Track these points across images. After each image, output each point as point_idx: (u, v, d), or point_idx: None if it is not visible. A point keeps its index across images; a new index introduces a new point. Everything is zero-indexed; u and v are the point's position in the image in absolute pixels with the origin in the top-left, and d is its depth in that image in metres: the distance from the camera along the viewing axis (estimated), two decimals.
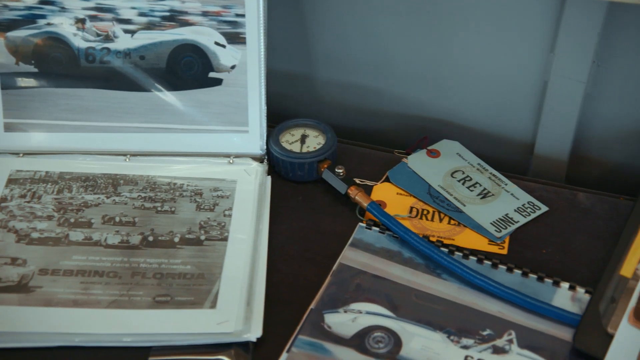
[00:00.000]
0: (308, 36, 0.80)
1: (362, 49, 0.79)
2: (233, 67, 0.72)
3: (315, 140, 0.75)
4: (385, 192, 0.74)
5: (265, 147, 0.74)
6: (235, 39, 0.72)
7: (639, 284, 0.60)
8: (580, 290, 0.63)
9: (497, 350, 0.60)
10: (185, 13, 0.71)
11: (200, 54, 0.72)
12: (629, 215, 0.66)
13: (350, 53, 0.80)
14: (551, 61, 0.71)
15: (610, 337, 0.58)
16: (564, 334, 0.60)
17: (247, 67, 0.72)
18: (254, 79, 0.72)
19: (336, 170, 0.72)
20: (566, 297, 0.63)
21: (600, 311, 0.60)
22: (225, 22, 0.71)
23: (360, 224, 0.70)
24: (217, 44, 0.72)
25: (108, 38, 0.71)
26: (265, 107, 0.73)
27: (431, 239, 0.69)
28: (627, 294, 0.60)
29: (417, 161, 0.76)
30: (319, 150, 0.74)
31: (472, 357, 0.59)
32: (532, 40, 0.72)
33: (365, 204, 0.70)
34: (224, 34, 0.72)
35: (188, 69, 0.72)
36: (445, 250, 0.67)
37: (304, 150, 0.74)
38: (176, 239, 0.66)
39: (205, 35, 0.71)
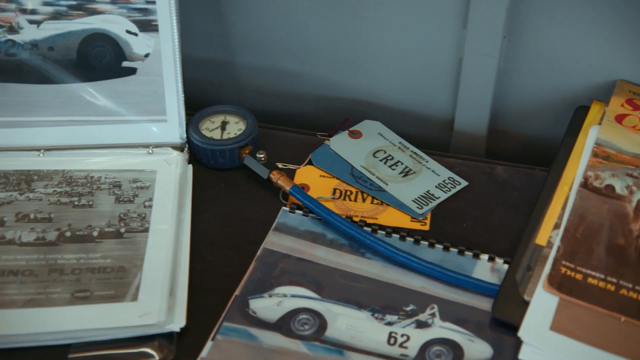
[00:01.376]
0: (224, 21, 0.79)
1: (279, 32, 0.79)
2: (147, 55, 0.71)
3: (235, 127, 0.75)
4: (308, 175, 0.74)
5: (185, 135, 0.73)
6: (147, 26, 0.70)
7: (552, 251, 0.62)
8: (499, 260, 0.65)
9: (420, 325, 0.61)
10: (93, 1, 0.69)
11: (111, 43, 0.70)
12: (543, 185, 0.68)
13: (267, 37, 0.80)
14: (464, 37, 0.72)
15: (527, 304, 0.59)
16: (484, 304, 0.62)
17: (161, 54, 0.71)
18: (170, 67, 0.71)
19: (257, 155, 0.72)
20: (486, 269, 0.65)
21: (517, 280, 0.61)
22: (135, 9, 0.69)
23: (284, 208, 0.70)
24: (128, 32, 0.70)
25: (12, 29, 0.68)
26: (183, 95, 0.72)
27: (354, 219, 0.69)
28: (542, 261, 0.62)
29: (339, 143, 0.77)
30: (240, 137, 0.73)
31: (395, 333, 0.60)
32: (444, 18, 0.73)
33: (287, 188, 0.70)
34: (135, 22, 0.70)
35: (100, 59, 0.71)
36: (369, 229, 0.68)
37: (225, 137, 0.74)
38: (95, 233, 0.65)
39: (116, 24, 0.70)
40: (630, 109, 0.71)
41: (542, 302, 0.59)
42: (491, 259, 0.65)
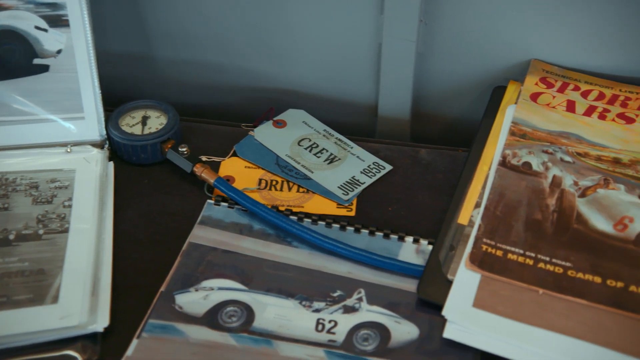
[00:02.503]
0: (140, 14, 0.78)
1: (197, 23, 0.78)
2: (59, 51, 0.69)
3: (157, 121, 0.74)
4: (233, 167, 0.73)
5: (104, 132, 0.72)
6: (58, 21, 0.68)
7: (473, 230, 0.63)
8: (424, 242, 0.66)
9: (348, 310, 0.61)
10: None
11: (20, 40, 0.68)
12: (463, 166, 0.69)
13: (186, 28, 0.78)
14: (382, 23, 0.73)
15: (450, 284, 0.60)
16: (411, 286, 0.63)
17: (74, 50, 0.69)
18: (84, 63, 0.69)
19: (180, 149, 0.71)
20: (411, 251, 0.65)
21: (440, 260, 0.62)
22: (43, 4, 0.67)
23: (209, 200, 0.69)
24: (37, 28, 0.68)
25: None
26: (100, 91, 0.71)
27: (280, 208, 0.69)
28: (464, 240, 0.63)
29: (264, 133, 0.76)
30: (161, 131, 0.72)
31: (323, 319, 0.60)
32: (362, 4, 0.73)
33: (211, 181, 0.69)
34: (44, 17, 0.68)
35: (9, 57, 0.68)
36: (294, 218, 0.68)
37: (146, 132, 0.72)
38: (11, 237, 0.63)
39: (24, 20, 0.68)
40: (544, 87, 0.73)
41: (465, 280, 0.60)
42: (416, 241, 0.66)
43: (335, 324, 0.60)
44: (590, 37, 0.71)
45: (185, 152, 0.71)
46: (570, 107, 0.71)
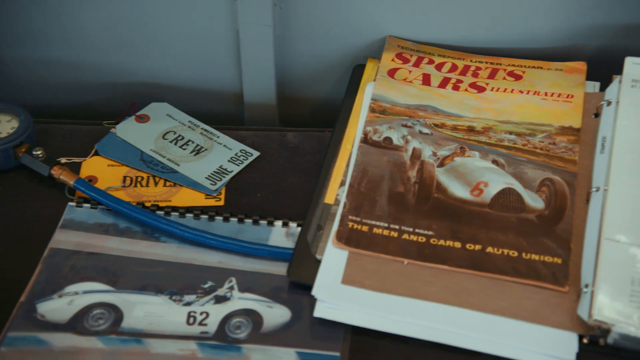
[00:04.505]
0: None
1: (46, 20, 0.74)
2: None
3: (8, 125, 0.70)
4: (95, 167, 0.71)
5: None
6: None
7: (339, 208, 0.64)
8: (293, 225, 0.66)
9: (219, 300, 0.60)
10: None
11: None
12: (328, 146, 0.70)
13: (35, 26, 0.75)
14: (236, 9, 0.72)
15: (319, 263, 0.61)
16: (281, 269, 0.63)
17: None
18: None
19: (34, 152, 0.68)
20: (281, 234, 0.65)
21: (309, 241, 0.63)
22: None
23: (70, 203, 0.67)
24: None
25: None
26: None
27: (147, 204, 0.68)
28: (331, 219, 0.64)
29: (126, 129, 0.74)
30: (13, 135, 0.69)
31: (195, 312, 0.59)
32: None
33: (71, 182, 0.67)
34: None
35: None
36: (161, 213, 0.66)
37: None
38: None
39: None
40: (400, 62, 0.74)
41: (333, 258, 0.61)
42: (285, 224, 0.66)
43: (207, 315, 0.59)
44: (440, 11, 0.73)
45: (41, 155, 0.68)
46: (426, 80, 0.73)
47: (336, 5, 0.73)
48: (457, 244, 0.60)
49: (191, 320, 0.59)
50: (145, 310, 0.59)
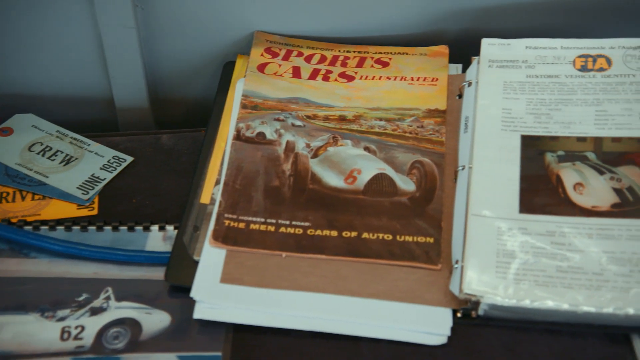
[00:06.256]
0: None
1: None
2: None
3: None
4: None
5: None
6: None
7: (215, 207, 0.63)
8: (169, 228, 0.65)
9: (95, 311, 0.58)
10: None
11: None
12: (202, 145, 0.69)
13: None
14: (94, 12, 0.70)
15: (197, 264, 0.60)
16: (160, 274, 0.61)
17: None
18: None
19: None
20: (158, 239, 0.64)
21: (185, 243, 0.62)
22: None
23: None
24: None
25: None
26: None
27: (13, 220, 0.64)
28: (207, 219, 0.63)
29: None
30: None
31: (69, 327, 0.57)
32: None
33: None
34: None
35: None
36: (29, 228, 0.64)
37: None
38: None
39: None
40: (269, 57, 0.74)
41: (210, 258, 0.60)
42: (162, 229, 0.65)
43: (83, 328, 0.57)
44: (306, 3, 0.73)
45: None
46: (296, 73, 0.73)
47: (201, 3, 0.72)
48: (334, 233, 0.61)
49: (65, 335, 0.57)
50: (15, 331, 0.56)
